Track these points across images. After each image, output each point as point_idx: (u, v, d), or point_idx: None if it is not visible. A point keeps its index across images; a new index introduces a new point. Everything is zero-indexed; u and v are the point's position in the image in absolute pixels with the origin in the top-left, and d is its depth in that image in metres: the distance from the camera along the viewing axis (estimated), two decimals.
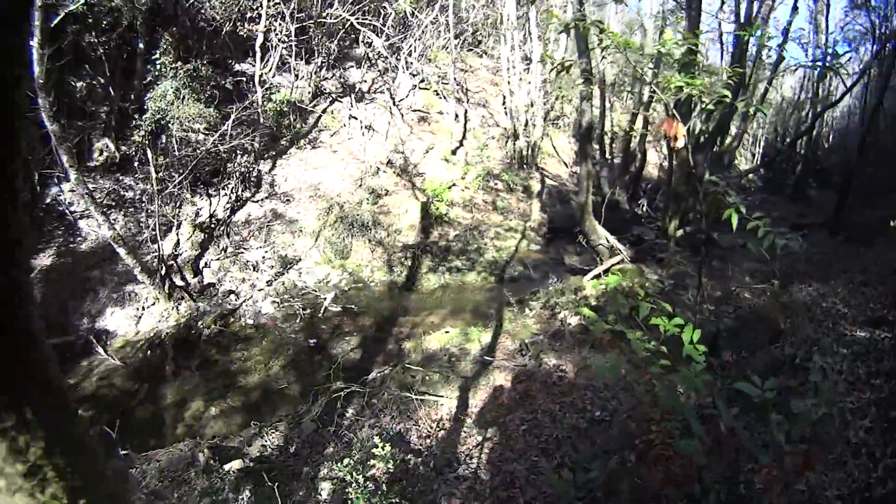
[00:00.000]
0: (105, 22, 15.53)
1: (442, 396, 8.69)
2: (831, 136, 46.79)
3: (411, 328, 13.09)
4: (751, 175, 36.29)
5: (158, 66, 15.59)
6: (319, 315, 13.96)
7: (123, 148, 15.76)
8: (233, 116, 16.23)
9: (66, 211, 14.90)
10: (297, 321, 13.75)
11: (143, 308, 14.01)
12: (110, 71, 15.72)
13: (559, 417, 7.79)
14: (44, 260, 14.35)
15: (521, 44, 25.45)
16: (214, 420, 10.50)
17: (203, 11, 18.24)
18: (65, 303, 13.79)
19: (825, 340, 8.11)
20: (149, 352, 13.17)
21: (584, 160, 14.89)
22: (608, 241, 14.89)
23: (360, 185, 18.51)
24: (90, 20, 14.98)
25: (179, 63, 15.72)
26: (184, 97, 15.45)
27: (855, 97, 36.71)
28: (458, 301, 15.19)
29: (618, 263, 14.44)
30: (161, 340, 13.41)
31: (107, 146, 15.73)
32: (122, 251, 13.30)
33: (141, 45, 16.32)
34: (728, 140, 28.52)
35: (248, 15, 19.08)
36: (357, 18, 20.71)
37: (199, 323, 13.66)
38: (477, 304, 14.88)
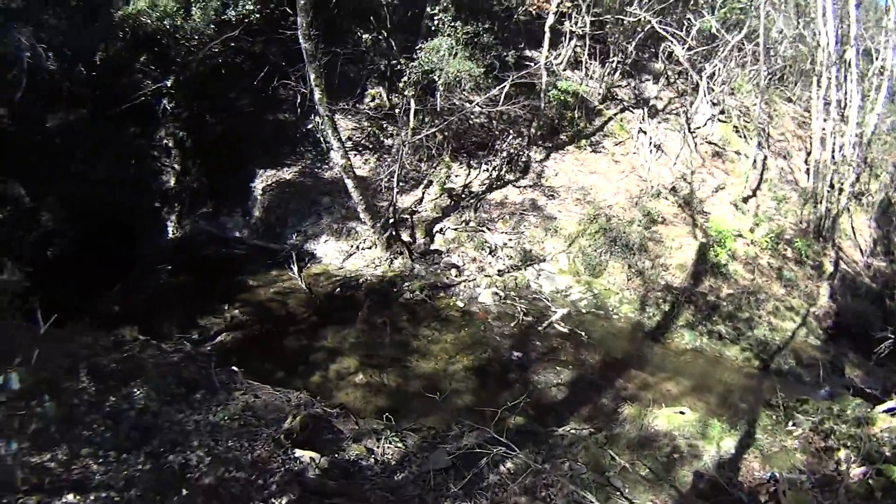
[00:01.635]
0: None
1: None
2: None
3: (639, 388, 10.42)
4: None
5: (436, 22, 15.01)
6: (540, 328, 11.71)
7: (395, 99, 15.94)
8: (507, 83, 14.77)
9: (321, 139, 15.29)
10: (512, 325, 11.67)
11: (357, 248, 13.56)
12: (393, 26, 15.86)
13: None
14: (286, 174, 15.05)
15: (836, 88, 20.91)
16: (354, 389, 9.30)
17: None
18: (287, 215, 14.40)
19: None
20: (339, 289, 12.55)
21: None
22: None
23: (636, 204, 16.18)
24: None
25: (459, 23, 14.90)
26: (456, 54, 14.40)
27: None
28: (707, 376, 12.01)
29: None
30: (358, 284, 12.66)
31: (380, 94, 16.25)
32: (349, 182, 12.76)
33: (428, 9, 15.90)
34: None
35: None
36: (658, 22, 18.31)
37: (406, 284, 12.48)
38: (729, 388, 11.73)
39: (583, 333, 11.77)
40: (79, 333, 9.69)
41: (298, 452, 6.27)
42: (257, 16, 14.43)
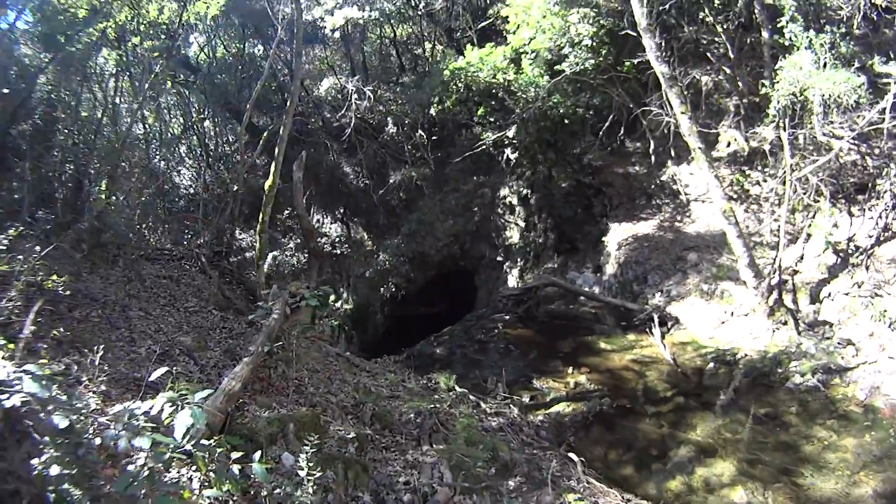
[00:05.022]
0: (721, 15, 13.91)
1: None
2: None
3: None
4: None
5: (787, 36, 11.94)
6: None
7: (753, 143, 13.94)
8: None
9: (681, 190, 14.68)
10: None
11: (732, 314, 11.64)
12: (734, 62, 14.02)
13: None
14: (642, 229, 14.45)
15: None
16: None
17: None
18: (646, 272, 13.50)
19: None
20: (710, 364, 10.58)
21: None
22: None
23: None
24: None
25: (813, 31, 11.75)
26: (825, 64, 11.26)
27: None
28: None
29: None
30: (734, 360, 10.51)
31: (735, 139, 14.40)
32: (730, 231, 11.24)
33: (765, 35, 13.30)
34: None
35: None
36: None
37: (793, 364, 9.91)
38: None
39: None
40: (387, 369, 9.49)
41: None
42: (592, 62, 13.84)
